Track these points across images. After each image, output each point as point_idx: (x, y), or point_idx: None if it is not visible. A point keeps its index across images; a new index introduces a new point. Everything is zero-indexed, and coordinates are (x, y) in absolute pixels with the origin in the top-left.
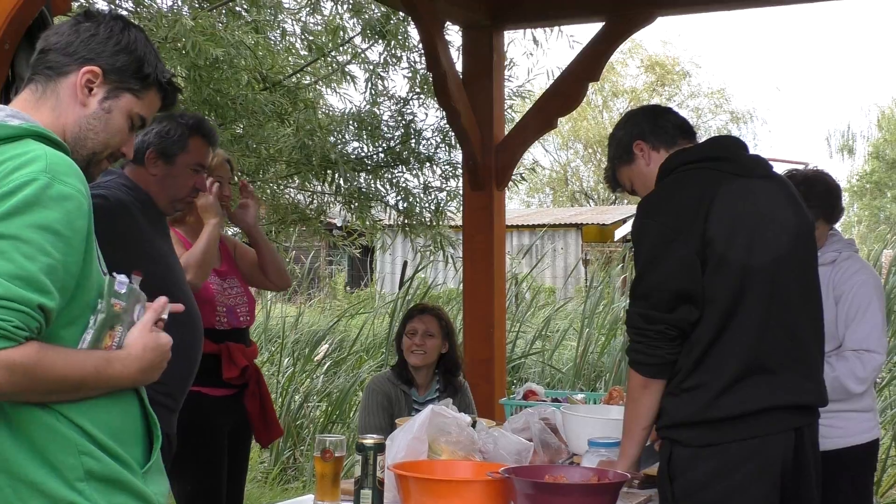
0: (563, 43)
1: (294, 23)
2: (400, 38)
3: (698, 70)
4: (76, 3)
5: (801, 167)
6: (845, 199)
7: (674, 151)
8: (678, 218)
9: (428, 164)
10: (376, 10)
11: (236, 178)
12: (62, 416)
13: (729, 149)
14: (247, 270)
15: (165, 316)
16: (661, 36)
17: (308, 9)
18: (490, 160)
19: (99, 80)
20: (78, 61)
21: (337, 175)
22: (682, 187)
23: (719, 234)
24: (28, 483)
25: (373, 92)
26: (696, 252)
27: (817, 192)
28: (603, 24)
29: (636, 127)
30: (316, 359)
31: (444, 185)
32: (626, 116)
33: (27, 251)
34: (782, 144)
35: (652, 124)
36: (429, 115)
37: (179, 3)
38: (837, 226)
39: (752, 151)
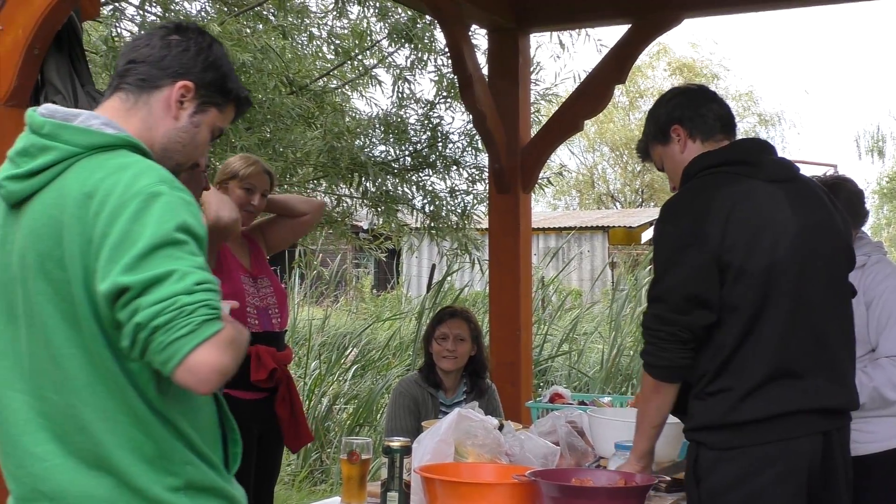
0: (591, 47)
1: (320, 27)
2: (426, 41)
3: (726, 73)
4: (106, 9)
5: (829, 170)
6: (875, 201)
7: (697, 155)
8: (696, 223)
9: (454, 167)
10: (402, 14)
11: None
12: (171, 424)
13: (751, 152)
14: (286, 230)
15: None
16: (689, 38)
17: (334, 13)
18: (516, 163)
19: (191, 95)
20: (171, 75)
21: (364, 178)
22: (702, 192)
23: (739, 240)
24: (133, 488)
25: (400, 96)
26: (714, 258)
27: (840, 199)
28: (629, 26)
29: (677, 110)
30: (348, 359)
31: (470, 189)
32: (670, 94)
33: (192, 249)
34: (811, 147)
35: (694, 111)
36: (455, 119)
37: (208, 8)
38: (866, 228)
39: (780, 154)
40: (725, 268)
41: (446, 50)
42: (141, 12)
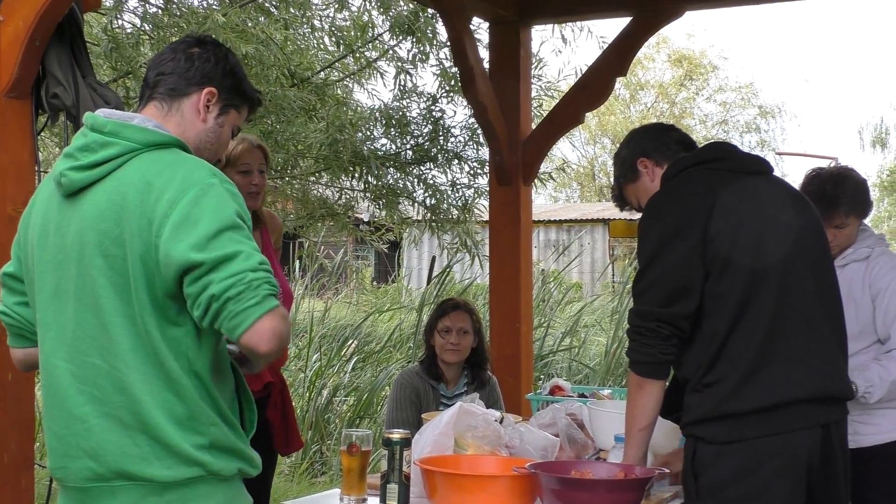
0: (593, 43)
1: (322, 19)
2: (428, 34)
3: (726, 64)
4: (108, 0)
5: (830, 162)
6: (876, 193)
7: (673, 161)
8: (681, 217)
9: (456, 161)
10: (404, 7)
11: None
12: (204, 388)
13: (725, 150)
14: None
15: None
16: (687, 29)
17: (336, 5)
18: (516, 155)
19: (215, 100)
20: (197, 83)
21: (366, 171)
22: (685, 187)
23: (724, 232)
24: (165, 445)
25: (401, 89)
26: (698, 248)
27: (846, 190)
28: (631, 18)
29: (640, 144)
30: (348, 351)
31: (472, 182)
32: (629, 135)
33: (247, 234)
34: (812, 139)
35: (656, 141)
36: (457, 113)
37: (209, 0)
38: (868, 221)
39: (780, 146)
40: (712, 258)
41: (448, 43)
42: (143, 3)
